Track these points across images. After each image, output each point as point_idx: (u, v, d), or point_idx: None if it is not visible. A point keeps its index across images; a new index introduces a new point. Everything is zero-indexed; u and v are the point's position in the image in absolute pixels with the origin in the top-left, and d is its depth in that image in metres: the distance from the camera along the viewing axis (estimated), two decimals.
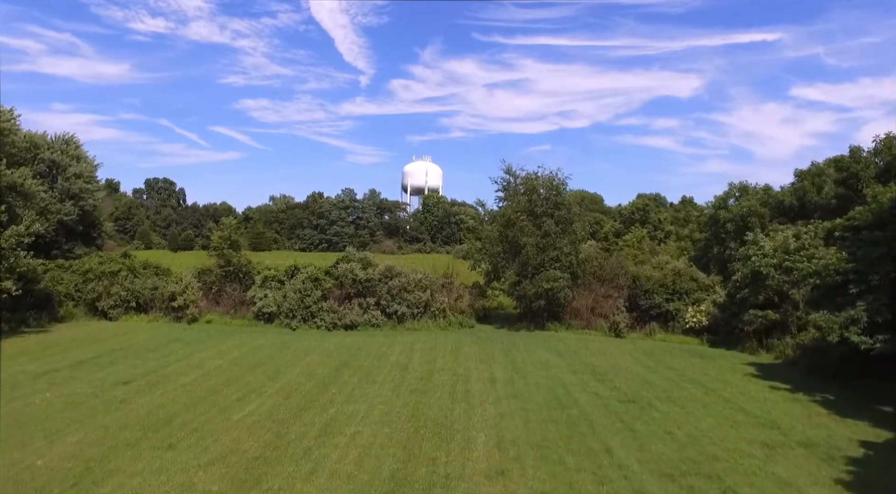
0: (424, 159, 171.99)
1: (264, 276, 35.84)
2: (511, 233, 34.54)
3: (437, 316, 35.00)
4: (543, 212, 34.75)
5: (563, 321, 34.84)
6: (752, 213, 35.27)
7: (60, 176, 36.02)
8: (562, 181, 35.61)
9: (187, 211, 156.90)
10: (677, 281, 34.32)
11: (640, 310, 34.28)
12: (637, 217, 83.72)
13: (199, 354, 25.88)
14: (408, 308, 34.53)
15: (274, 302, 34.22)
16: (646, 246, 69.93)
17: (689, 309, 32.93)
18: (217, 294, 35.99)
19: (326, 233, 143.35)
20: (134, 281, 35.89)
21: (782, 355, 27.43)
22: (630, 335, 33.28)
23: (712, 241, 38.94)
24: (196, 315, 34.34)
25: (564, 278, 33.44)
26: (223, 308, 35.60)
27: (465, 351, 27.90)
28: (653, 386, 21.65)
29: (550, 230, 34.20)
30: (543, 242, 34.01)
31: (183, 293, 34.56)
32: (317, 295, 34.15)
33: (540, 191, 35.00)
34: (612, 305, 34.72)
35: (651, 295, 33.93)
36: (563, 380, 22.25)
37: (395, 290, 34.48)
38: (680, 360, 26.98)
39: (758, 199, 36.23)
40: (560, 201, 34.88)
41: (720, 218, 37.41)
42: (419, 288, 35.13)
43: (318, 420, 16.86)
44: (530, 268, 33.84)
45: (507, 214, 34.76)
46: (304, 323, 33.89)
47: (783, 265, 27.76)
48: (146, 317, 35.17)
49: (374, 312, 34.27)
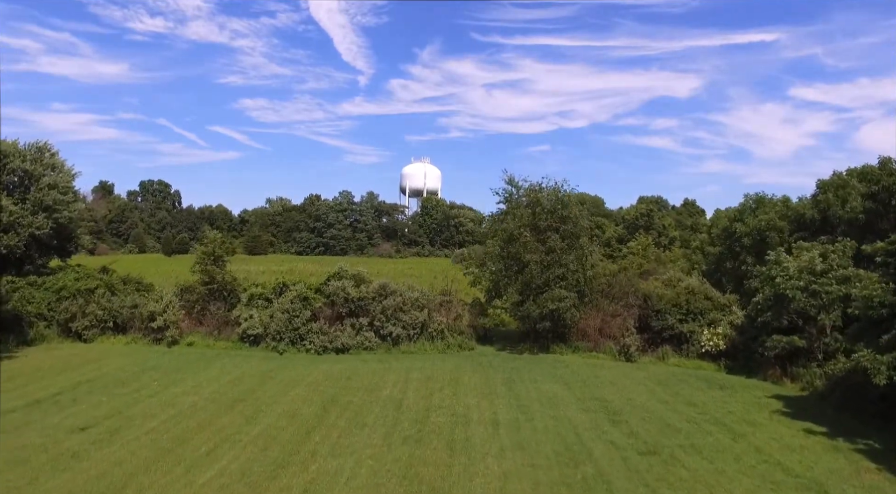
0: (423, 161, 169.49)
1: (250, 294, 33.57)
2: (513, 249, 32.29)
3: (435, 338, 32.76)
4: (548, 226, 32.52)
5: (569, 342, 32.63)
6: (771, 227, 33.08)
7: (33, 186, 33.71)
8: (568, 192, 33.38)
9: (182, 213, 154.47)
10: (691, 300, 32.11)
11: (651, 332, 32.06)
12: (641, 223, 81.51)
13: (174, 388, 23.62)
14: (403, 329, 32.29)
15: (260, 324, 31.97)
16: (651, 254, 67.77)
17: (705, 331, 30.72)
18: (200, 313, 33.73)
19: (324, 236, 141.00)
20: (111, 299, 33.64)
21: (810, 386, 25.22)
22: (641, 359, 31.05)
23: (726, 255, 36.78)
24: (177, 337, 32.08)
25: (571, 297, 31.21)
26: (206, 328, 33.34)
27: (464, 381, 25.67)
28: (674, 431, 19.43)
29: (555, 246, 31.98)
30: (548, 259, 31.79)
31: (163, 313, 32.31)
32: (306, 316, 31.91)
33: (544, 203, 32.73)
34: (622, 325, 32.49)
35: (663, 316, 31.71)
36: (573, 422, 20.02)
37: (390, 310, 32.25)
38: (699, 393, 24.76)
39: (776, 212, 34.04)
40: (566, 214, 32.63)
41: (735, 231, 35.22)
42: (415, 307, 32.89)
43: (297, 483, 14.65)
44: (534, 287, 31.61)
45: (509, 229, 32.48)
46: (293, 345, 31.63)
47: (810, 288, 25.56)
48: (124, 339, 32.91)
49: (367, 334, 32.04)
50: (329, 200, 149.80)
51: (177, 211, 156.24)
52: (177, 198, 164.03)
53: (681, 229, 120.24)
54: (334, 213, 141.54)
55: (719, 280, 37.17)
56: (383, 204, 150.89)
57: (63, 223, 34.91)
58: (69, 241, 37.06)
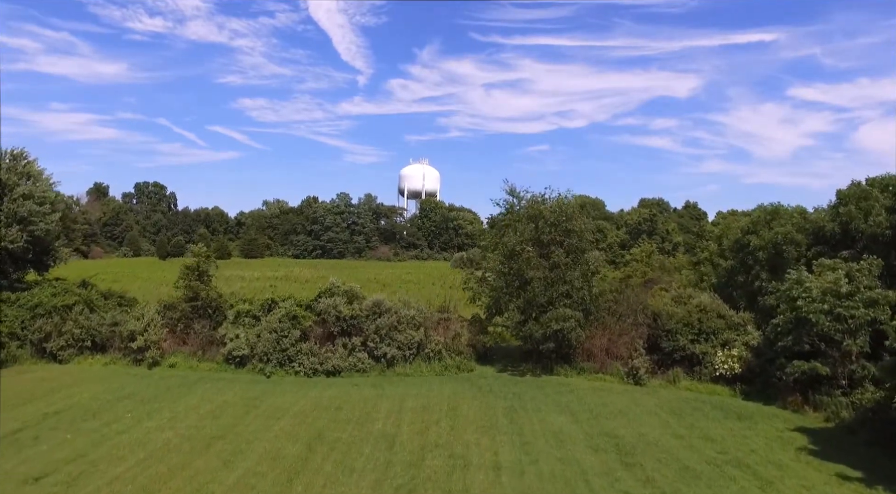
0: (422, 162, 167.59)
1: (237, 311, 31.69)
2: (515, 265, 30.44)
3: (432, 359, 30.94)
4: (551, 240, 30.69)
5: (574, 363, 30.81)
6: (788, 241, 31.26)
7: (6, 197, 31.85)
8: (571, 203, 31.55)
9: (178, 216, 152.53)
10: (703, 318, 30.31)
11: (661, 353, 30.25)
12: (644, 227, 79.75)
13: (148, 421, 21.78)
14: (398, 349, 30.47)
15: (246, 344, 30.12)
16: (655, 261, 66.01)
17: (719, 352, 28.92)
18: (184, 331, 31.88)
19: (321, 239, 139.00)
20: (90, 316, 31.78)
21: (835, 417, 23.44)
22: (650, 382, 29.23)
23: (738, 269, 34.99)
24: (158, 358, 30.23)
25: (576, 316, 29.40)
26: (190, 347, 31.49)
27: (463, 411, 23.84)
28: (693, 476, 17.63)
29: (559, 261, 30.16)
30: (551, 275, 29.97)
31: (144, 332, 30.47)
32: (295, 336, 30.07)
33: (547, 216, 30.88)
34: (630, 345, 30.69)
35: (674, 336, 29.90)
36: (582, 466, 18.21)
37: (384, 330, 30.41)
38: (716, 425, 22.95)
39: (793, 224, 32.21)
40: (570, 227, 30.80)
41: (749, 243, 33.40)
42: (411, 325, 31.06)
43: None
44: (536, 305, 29.79)
45: (511, 244, 30.64)
46: (281, 367, 29.79)
47: (834, 311, 23.78)
48: (103, 359, 31.07)
49: (359, 355, 30.20)
50: (326, 202, 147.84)
51: (172, 213, 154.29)
52: (172, 199, 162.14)
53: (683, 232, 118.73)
54: (332, 216, 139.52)
55: (731, 295, 35.34)
56: (381, 206, 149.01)
57: (39, 235, 33.00)
58: (47, 254, 35.19)
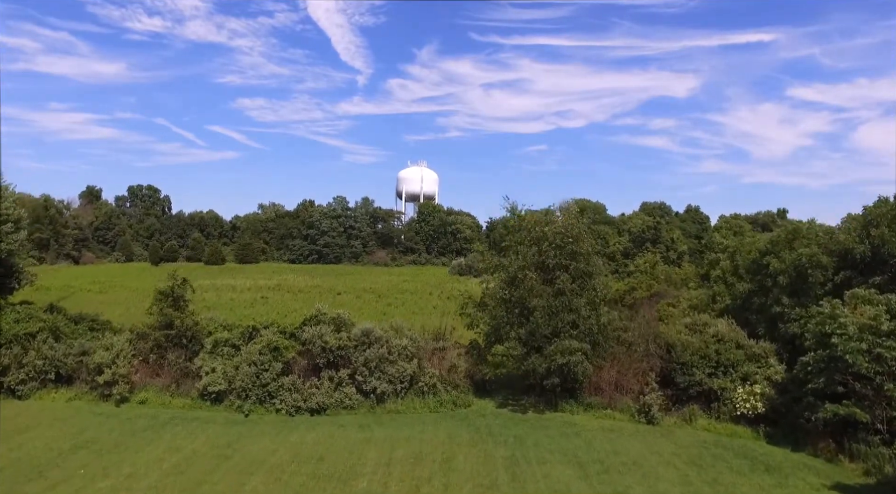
0: (420, 164, 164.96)
1: (215, 340, 29.17)
2: (516, 292, 27.90)
3: (426, 393, 28.43)
4: (556, 264, 28.16)
5: (581, 398, 28.31)
6: (813, 264, 28.77)
7: None
8: (578, 225, 29.01)
9: (172, 220, 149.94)
10: (721, 349, 27.84)
11: (675, 387, 27.75)
12: (648, 236, 77.23)
13: (102, 480, 19.27)
14: (389, 383, 27.96)
15: (223, 378, 27.59)
16: (660, 272, 63.55)
17: (739, 388, 26.44)
18: (157, 362, 29.37)
19: (317, 243, 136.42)
20: (55, 346, 29.26)
21: (877, 471, 20.94)
22: (664, 420, 26.73)
23: (756, 291, 32.49)
24: (126, 393, 27.68)
25: (582, 349, 26.90)
26: (163, 380, 28.98)
27: (459, 463, 21.33)
28: None
29: (565, 288, 27.64)
30: (556, 304, 27.44)
31: (113, 364, 27.95)
32: (276, 370, 27.56)
33: (551, 237, 28.33)
34: (641, 378, 28.23)
35: (689, 369, 27.41)
36: None
37: (374, 362, 27.90)
38: (742, 480, 20.46)
39: (819, 245, 29.70)
40: (577, 250, 28.28)
41: (768, 265, 30.90)
42: (404, 356, 28.57)
43: None
44: (540, 336, 27.28)
45: (512, 270, 28.11)
46: (261, 404, 27.27)
47: (874, 351, 21.31)
48: (67, 393, 28.55)
49: (347, 389, 27.70)
50: (323, 206, 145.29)
51: (166, 217, 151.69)
52: (166, 203, 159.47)
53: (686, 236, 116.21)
54: (328, 220, 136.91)
55: (748, 319, 32.83)
56: (379, 210, 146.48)
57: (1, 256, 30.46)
58: (10, 276, 32.62)
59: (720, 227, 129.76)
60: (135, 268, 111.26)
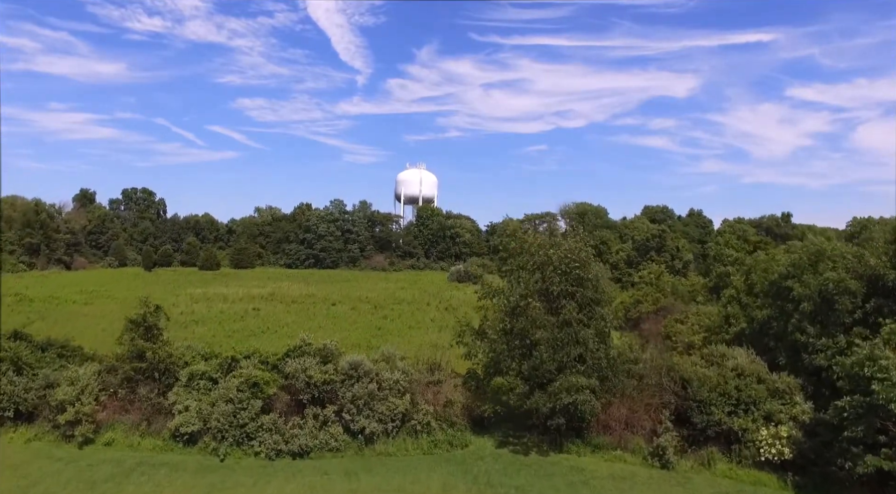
0: (419, 167, 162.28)
1: (191, 372, 26.80)
2: (519, 323, 25.49)
3: (419, 432, 26.05)
4: (561, 291, 25.76)
5: (588, 438, 25.95)
6: (841, 290, 26.41)
7: None
8: (585, 248, 26.61)
9: (167, 223, 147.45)
10: (741, 386, 25.48)
11: (692, 428, 25.37)
12: (653, 244, 74.82)
13: None
14: (379, 422, 25.58)
15: (198, 417, 25.23)
16: (666, 284, 61.21)
17: (763, 430, 24.07)
18: (127, 397, 27.00)
19: (314, 247, 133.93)
20: (15, 380, 26.91)
21: None
22: (680, 464, 24.36)
23: (776, 316, 30.13)
24: (90, 434, 25.29)
25: (590, 385, 24.54)
26: (134, 416, 26.60)
27: None
28: None
29: (571, 318, 25.27)
30: (562, 336, 25.05)
31: (77, 400, 25.58)
32: (255, 408, 25.18)
33: (555, 262, 25.92)
34: (654, 416, 25.88)
35: (707, 407, 25.04)
36: None
37: (362, 400, 25.53)
38: None
39: (846, 269, 27.32)
40: (585, 276, 25.88)
41: (791, 290, 28.53)
42: (395, 392, 26.21)
43: None
44: (544, 372, 24.89)
45: (513, 298, 25.71)
46: (238, 446, 24.87)
47: None
48: (27, 432, 26.18)
49: (332, 429, 25.33)
50: (320, 209, 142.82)
51: (161, 221, 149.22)
52: (162, 206, 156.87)
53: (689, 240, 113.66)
54: (325, 224, 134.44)
55: (767, 346, 30.48)
56: (377, 213, 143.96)
57: None
58: None
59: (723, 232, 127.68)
60: (127, 274, 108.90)
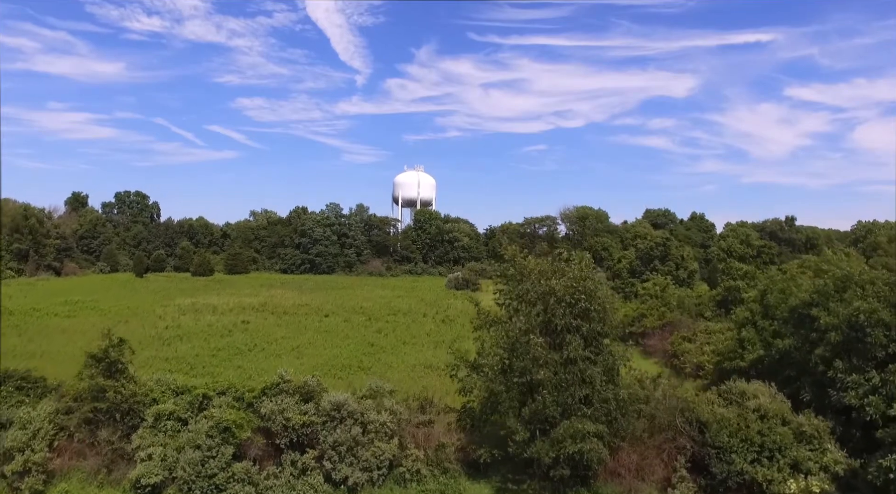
0: (417, 169, 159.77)
1: (157, 413, 24.33)
2: (518, 362, 22.96)
3: (409, 481, 23.59)
4: (566, 325, 23.27)
5: (594, 487, 23.47)
6: (874, 322, 23.96)
7: None
8: (592, 275, 24.12)
9: (160, 227, 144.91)
10: (765, 430, 23.02)
11: (710, 477, 22.90)
12: (657, 253, 72.37)
13: None
14: (364, 470, 23.11)
15: (162, 466, 22.75)
16: (672, 298, 58.71)
17: (791, 483, 21.64)
18: (85, 440, 24.49)
19: (309, 252, 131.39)
20: None
21: None
22: None
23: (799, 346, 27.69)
24: (41, 487, 22.78)
25: (598, 430, 22.07)
26: (93, 463, 24.10)
27: None
28: None
29: (576, 354, 22.77)
30: (566, 376, 22.56)
31: (27, 447, 23.09)
32: (227, 455, 22.71)
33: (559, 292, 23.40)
34: (667, 462, 23.43)
35: (727, 455, 22.57)
36: None
37: (345, 446, 23.05)
38: None
39: (878, 297, 24.86)
40: (592, 307, 23.38)
41: (817, 318, 26.11)
42: (382, 435, 23.74)
43: None
44: (546, 417, 22.40)
45: (513, 333, 23.21)
46: None
47: None
48: None
49: (312, 479, 22.83)
50: (316, 213, 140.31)
51: (154, 225, 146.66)
52: (155, 210, 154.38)
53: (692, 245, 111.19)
54: (321, 228, 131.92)
55: (787, 378, 28.03)
56: (374, 217, 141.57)
57: None
58: None
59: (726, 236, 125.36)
60: (118, 281, 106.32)
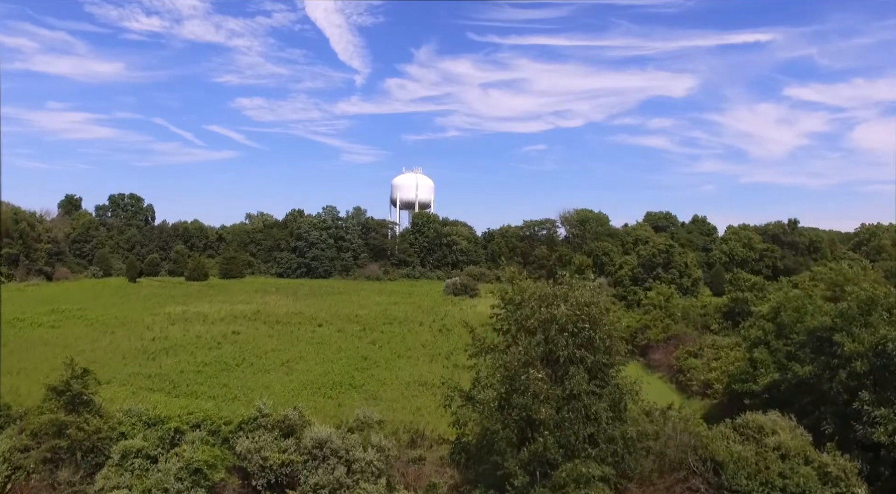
0: (415, 171, 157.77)
1: (124, 450, 22.36)
2: (518, 399, 20.94)
3: None
4: (568, 356, 21.28)
5: None
6: None
7: None
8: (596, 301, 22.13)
9: (154, 231, 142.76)
10: (786, 471, 21.05)
11: None
12: (660, 260, 70.40)
13: None
14: None
15: None
16: (676, 307, 56.78)
17: None
18: (45, 480, 22.51)
19: (305, 256, 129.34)
20: None
21: None
22: None
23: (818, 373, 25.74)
24: None
25: (604, 474, 20.08)
26: None
27: None
28: None
29: (580, 389, 20.79)
30: (569, 412, 20.56)
31: None
32: None
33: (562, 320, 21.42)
34: None
35: None
36: None
37: (328, 487, 21.08)
38: None
39: None
40: (597, 336, 21.38)
41: (839, 344, 24.13)
42: (368, 475, 21.76)
43: None
44: (547, 459, 20.41)
45: (512, 366, 21.21)
46: None
47: None
48: None
49: None
50: (312, 216, 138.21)
51: (148, 228, 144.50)
52: (150, 212, 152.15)
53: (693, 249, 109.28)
54: (317, 231, 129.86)
55: (805, 408, 26.09)
56: (371, 220, 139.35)
57: None
58: None
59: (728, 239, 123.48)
60: (110, 286, 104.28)
